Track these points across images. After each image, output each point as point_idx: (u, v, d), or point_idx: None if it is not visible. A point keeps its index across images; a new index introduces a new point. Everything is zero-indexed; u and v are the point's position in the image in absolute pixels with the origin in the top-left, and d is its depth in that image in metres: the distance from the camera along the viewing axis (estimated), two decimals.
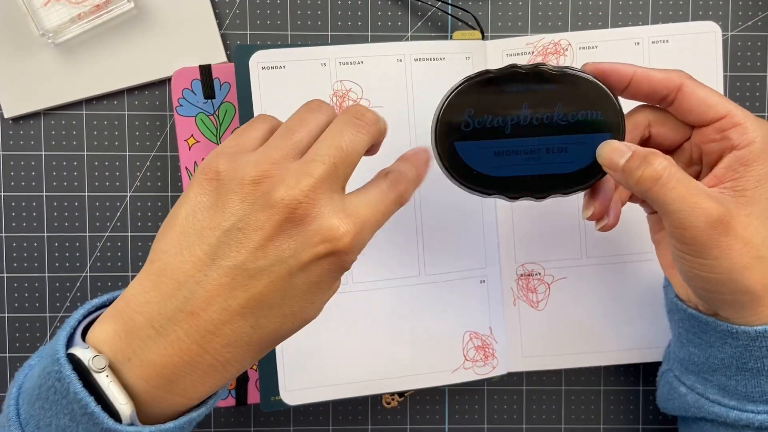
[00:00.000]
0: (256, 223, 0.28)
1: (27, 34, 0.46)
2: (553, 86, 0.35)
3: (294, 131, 0.30)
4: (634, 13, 0.48)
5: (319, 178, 0.28)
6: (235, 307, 0.28)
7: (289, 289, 0.29)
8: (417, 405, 0.50)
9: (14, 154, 0.48)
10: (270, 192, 0.28)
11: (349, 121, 0.31)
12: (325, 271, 0.29)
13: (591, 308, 0.46)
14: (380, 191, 0.31)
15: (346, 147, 0.30)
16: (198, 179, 0.29)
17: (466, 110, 0.35)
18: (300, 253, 0.28)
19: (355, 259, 0.30)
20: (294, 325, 0.30)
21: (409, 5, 0.48)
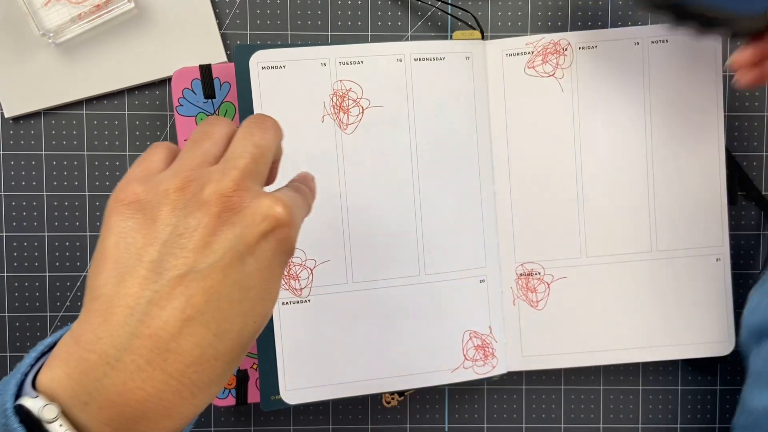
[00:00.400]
0: (194, 223, 0.27)
1: (27, 34, 0.46)
2: None
3: (201, 142, 0.30)
4: (634, 13, 0.48)
5: (243, 170, 0.28)
6: (194, 313, 0.26)
7: (243, 278, 0.28)
8: (417, 404, 0.50)
9: (15, 153, 0.48)
10: (199, 192, 0.28)
11: (254, 124, 0.31)
12: (273, 252, 0.28)
13: (591, 308, 0.46)
14: (291, 189, 0.32)
15: (259, 144, 0.30)
16: (115, 208, 0.28)
17: None
18: (245, 235, 0.27)
19: (296, 239, 0.30)
20: (255, 324, 0.29)
21: (409, 5, 0.48)
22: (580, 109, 0.46)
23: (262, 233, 0.28)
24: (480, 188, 0.45)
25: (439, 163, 0.45)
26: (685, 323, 0.46)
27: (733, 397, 0.50)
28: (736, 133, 0.49)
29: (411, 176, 0.44)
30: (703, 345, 0.47)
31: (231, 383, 0.47)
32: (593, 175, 0.46)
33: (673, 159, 0.46)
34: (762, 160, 0.49)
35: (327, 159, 0.44)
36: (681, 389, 0.50)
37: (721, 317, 0.46)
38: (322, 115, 0.44)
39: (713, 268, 0.46)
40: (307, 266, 0.44)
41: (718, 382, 0.50)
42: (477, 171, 0.45)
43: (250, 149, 0.29)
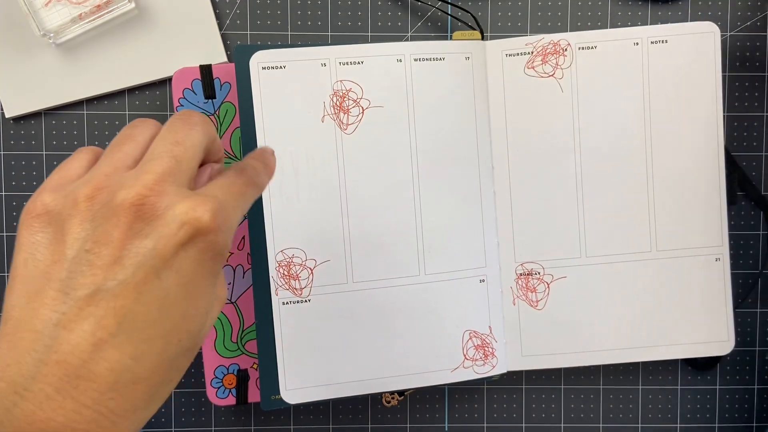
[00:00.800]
0: (103, 237, 0.25)
1: (28, 35, 0.46)
2: None
3: (122, 145, 0.28)
4: (633, 13, 0.49)
5: (161, 172, 0.26)
6: (105, 336, 0.24)
7: (162, 295, 0.25)
8: (417, 404, 0.50)
9: (15, 153, 0.48)
10: (110, 201, 0.25)
11: (177, 121, 0.28)
12: (197, 262, 0.26)
13: (590, 307, 0.47)
14: (227, 177, 0.29)
15: (182, 140, 0.27)
16: (25, 222, 0.26)
17: None
18: (160, 248, 0.25)
19: (228, 243, 0.27)
20: (181, 342, 0.26)
21: (409, 5, 0.49)
22: (579, 109, 0.46)
23: (179, 243, 0.25)
24: (480, 188, 0.45)
25: (439, 163, 0.45)
26: (684, 323, 0.47)
27: (733, 397, 0.50)
28: (736, 133, 0.49)
29: (411, 176, 0.44)
30: (702, 345, 0.47)
31: (231, 383, 0.47)
32: (593, 174, 0.46)
33: (673, 159, 0.46)
34: (762, 160, 0.49)
35: (327, 159, 0.44)
36: (681, 389, 0.50)
37: (720, 317, 0.47)
38: (322, 116, 0.44)
39: (713, 268, 0.46)
40: (307, 266, 0.44)
41: (717, 382, 0.50)
42: (477, 171, 0.45)
43: (170, 147, 0.27)
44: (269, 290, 0.44)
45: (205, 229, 0.25)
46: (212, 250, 0.26)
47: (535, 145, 0.46)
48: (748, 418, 0.50)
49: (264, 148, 0.33)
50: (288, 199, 0.44)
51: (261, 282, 0.44)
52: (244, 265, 0.47)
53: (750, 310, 0.50)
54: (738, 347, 0.47)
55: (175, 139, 0.27)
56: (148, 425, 0.49)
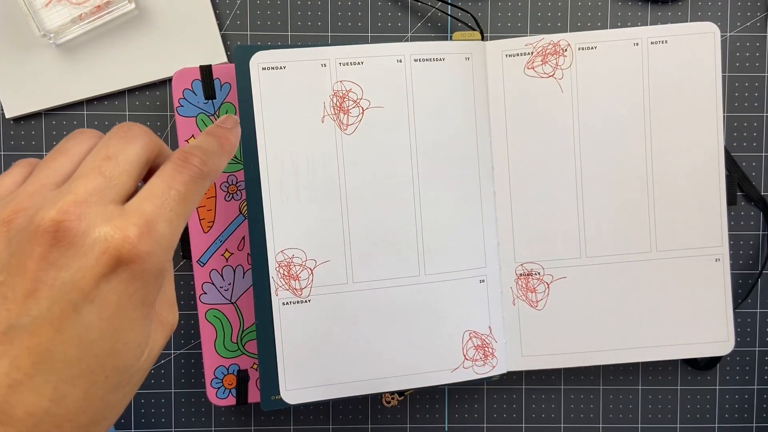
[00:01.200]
0: (17, 267, 0.22)
1: (28, 35, 0.46)
2: None
3: (53, 160, 0.26)
4: (633, 13, 0.49)
5: (83, 192, 0.23)
6: (21, 378, 0.22)
7: (83, 332, 0.22)
8: (417, 404, 0.50)
9: (15, 154, 0.48)
10: (24, 228, 0.23)
11: (116, 133, 0.26)
12: (122, 294, 0.23)
13: (590, 308, 0.47)
14: (163, 178, 0.26)
15: (115, 154, 0.25)
16: None
17: None
18: (78, 280, 0.22)
19: (163, 264, 0.24)
20: (109, 381, 0.24)
21: (409, 6, 0.49)
22: (579, 109, 0.46)
23: (99, 275, 0.23)
24: (480, 188, 0.45)
25: (439, 163, 0.45)
26: (684, 323, 0.47)
27: (733, 397, 0.50)
28: (735, 133, 0.49)
29: (411, 176, 0.44)
30: (702, 345, 0.47)
31: (231, 383, 0.47)
32: (593, 175, 0.46)
33: (673, 159, 0.46)
34: (762, 160, 0.50)
35: (327, 160, 0.44)
36: (681, 389, 0.50)
37: (720, 317, 0.47)
38: (322, 116, 0.44)
39: (713, 268, 0.46)
40: (308, 266, 0.44)
41: (717, 382, 0.50)
42: (477, 171, 0.45)
43: (99, 162, 0.24)
44: (269, 290, 0.44)
45: (128, 257, 0.23)
46: (140, 279, 0.23)
47: (535, 145, 0.46)
48: (748, 418, 0.50)
49: (224, 117, 0.30)
50: (288, 200, 0.44)
51: (261, 282, 0.44)
52: (244, 265, 0.47)
53: (750, 310, 0.50)
54: (738, 347, 0.48)
55: (107, 153, 0.25)
56: (149, 425, 0.49)
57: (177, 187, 0.25)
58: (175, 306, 0.27)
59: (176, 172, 0.26)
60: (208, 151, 0.27)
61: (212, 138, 0.29)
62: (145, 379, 0.26)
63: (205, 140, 0.28)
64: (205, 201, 0.47)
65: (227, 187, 0.47)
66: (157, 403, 0.49)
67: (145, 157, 0.26)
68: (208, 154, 0.27)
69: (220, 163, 0.28)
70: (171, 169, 0.26)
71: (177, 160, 0.26)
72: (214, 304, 0.47)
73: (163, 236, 0.24)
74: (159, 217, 0.24)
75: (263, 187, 0.43)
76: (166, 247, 0.24)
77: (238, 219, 0.47)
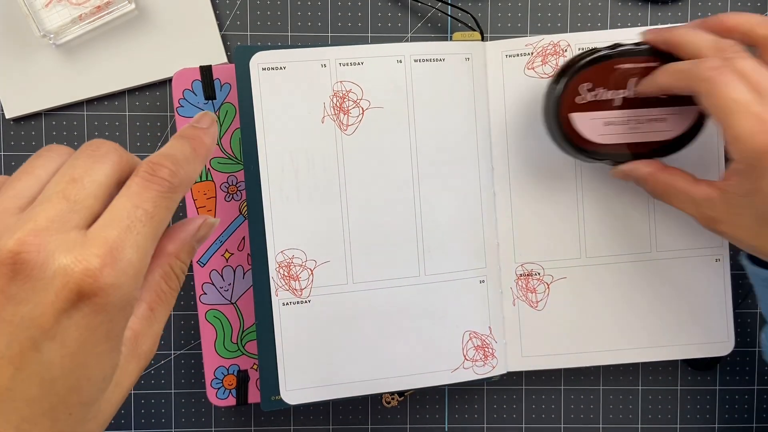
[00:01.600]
0: None
1: (28, 35, 0.46)
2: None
3: (18, 180, 0.24)
4: (633, 14, 0.49)
5: (44, 220, 0.22)
6: None
7: (44, 369, 0.21)
8: (417, 404, 0.50)
9: (16, 154, 0.48)
10: None
11: (83, 152, 0.24)
12: (85, 329, 0.22)
13: (590, 308, 0.47)
14: (129, 197, 0.24)
15: (81, 176, 0.23)
16: None
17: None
18: (38, 316, 0.21)
19: (130, 293, 0.23)
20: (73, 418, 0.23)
21: (409, 6, 0.49)
22: None
23: (60, 310, 0.21)
24: (480, 189, 0.45)
25: (439, 163, 0.45)
26: (684, 323, 0.47)
27: (733, 397, 0.50)
28: None
29: (411, 177, 0.44)
30: (702, 345, 0.47)
31: (231, 384, 0.47)
32: (593, 175, 0.46)
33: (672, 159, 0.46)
34: None
35: (327, 160, 0.44)
36: (681, 389, 0.50)
37: (720, 317, 0.47)
38: (322, 116, 0.44)
39: (713, 268, 0.46)
40: (308, 267, 0.44)
41: (717, 382, 0.50)
42: (477, 171, 0.45)
43: (63, 186, 0.23)
44: (269, 291, 0.44)
45: (90, 291, 0.21)
46: (104, 312, 0.22)
47: (535, 145, 0.46)
48: (748, 418, 0.50)
49: (200, 115, 0.28)
50: (288, 200, 0.44)
51: (261, 283, 0.44)
52: (244, 266, 0.47)
53: (750, 310, 0.50)
54: (738, 347, 0.47)
55: (72, 175, 0.23)
56: (148, 425, 0.49)
57: (144, 206, 0.24)
58: (158, 338, 0.26)
59: (143, 188, 0.24)
60: (179, 159, 0.25)
61: (184, 142, 0.26)
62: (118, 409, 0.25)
63: (177, 146, 0.26)
64: (205, 201, 0.47)
65: (227, 187, 0.47)
66: (157, 404, 0.49)
67: (115, 177, 0.24)
68: (179, 163, 0.25)
69: (194, 171, 0.26)
70: (137, 185, 0.24)
71: (144, 173, 0.24)
72: (214, 305, 0.47)
73: (129, 264, 0.23)
74: (125, 243, 0.23)
75: (263, 188, 0.43)
76: (133, 276, 0.23)
77: (238, 219, 0.47)
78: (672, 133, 0.41)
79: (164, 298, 0.26)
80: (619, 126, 0.41)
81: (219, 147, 0.46)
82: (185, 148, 0.26)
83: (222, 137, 0.47)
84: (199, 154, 0.26)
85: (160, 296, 0.26)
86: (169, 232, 0.27)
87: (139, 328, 0.25)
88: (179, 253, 0.27)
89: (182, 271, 0.27)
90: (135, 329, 0.25)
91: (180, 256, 0.27)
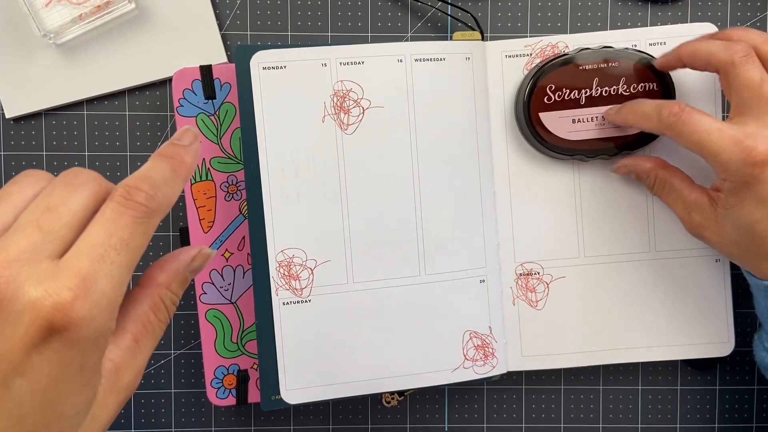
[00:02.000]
0: None
1: (28, 35, 0.46)
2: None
3: None
4: (633, 14, 0.49)
5: (16, 250, 0.21)
6: None
7: (13, 406, 0.21)
8: (417, 404, 0.50)
9: (16, 154, 0.48)
10: None
11: (60, 181, 0.24)
12: (56, 364, 0.21)
13: (590, 307, 0.47)
14: (102, 224, 0.23)
15: (56, 205, 0.23)
16: None
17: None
18: (7, 351, 0.21)
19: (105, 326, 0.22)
20: None
21: (409, 5, 0.49)
22: None
23: (30, 345, 0.21)
24: (480, 188, 0.45)
25: (440, 163, 0.45)
26: (684, 323, 0.47)
27: (733, 397, 0.50)
28: None
29: (411, 176, 0.44)
30: (702, 345, 0.47)
31: (231, 383, 0.47)
32: (592, 175, 0.46)
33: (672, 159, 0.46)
34: None
35: (327, 159, 0.44)
36: (681, 389, 0.50)
37: (720, 318, 0.47)
38: (322, 116, 0.44)
39: (713, 268, 0.46)
40: (308, 266, 0.44)
41: (717, 382, 0.50)
42: (477, 171, 0.45)
43: (38, 215, 0.22)
44: (269, 290, 0.44)
45: (61, 325, 0.21)
46: (77, 346, 0.21)
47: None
48: (748, 418, 0.50)
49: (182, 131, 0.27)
50: (288, 199, 0.44)
51: (261, 282, 0.44)
52: (244, 265, 0.47)
53: (750, 310, 0.50)
54: (738, 347, 0.47)
55: (47, 204, 0.23)
56: (148, 425, 0.49)
57: (119, 233, 0.23)
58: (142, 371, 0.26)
59: (118, 214, 0.23)
60: (157, 182, 0.24)
61: (164, 162, 0.25)
62: None
63: (155, 166, 0.25)
64: (205, 201, 0.47)
65: (227, 187, 0.47)
66: (157, 403, 0.49)
67: (92, 207, 0.24)
68: (157, 186, 0.24)
69: (173, 193, 0.25)
70: (112, 210, 0.23)
71: (119, 198, 0.23)
72: (214, 304, 0.47)
73: (103, 295, 0.22)
74: (98, 274, 0.22)
75: (263, 187, 0.43)
76: (106, 307, 0.22)
77: (238, 219, 0.47)
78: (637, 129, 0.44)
79: (151, 330, 0.25)
80: (587, 123, 0.44)
81: (219, 147, 0.47)
82: (164, 168, 0.25)
83: (222, 137, 0.47)
84: (179, 175, 0.25)
85: (147, 328, 0.25)
86: (161, 261, 0.27)
87: (120, 361, 0.24)
88: (170, 284, 0.26)
89: (173, 303, 0.26)
90: (116, 361, 0.24)
91: (171, 287, 0.26)
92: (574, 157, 0.45)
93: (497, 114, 0.46)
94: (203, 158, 0.46)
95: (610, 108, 0.43)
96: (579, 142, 0.44)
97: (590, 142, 0.44)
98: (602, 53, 0.44)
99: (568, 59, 0.44)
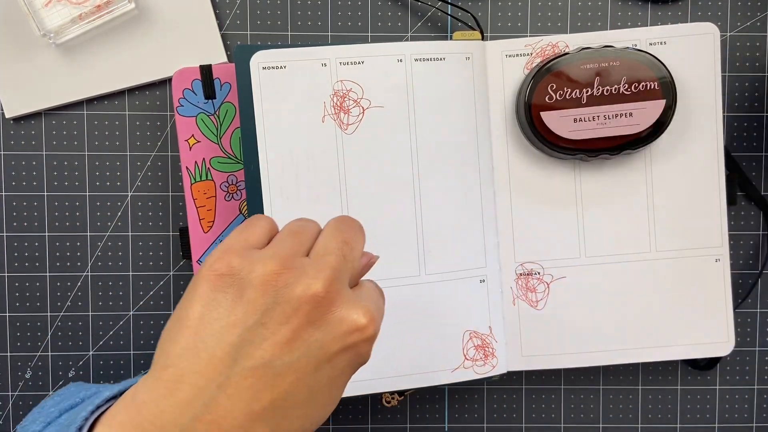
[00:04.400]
0: (281, 316, 0.26)
1: (28, 35, 0.46)
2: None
3: (298, 233, 0.30)
4: (633, 13, 0.49)
5: (335, 269, 0.28)
6: (258, 410, 0.26)
7: (315, 383, 0.27)
8: (417, 404, 0.50)
9: (15, 154, 0.48)
10: (292, 285, 0.27)
11: (341, 223, 0.31)
12: (349, 364, 0.28)
13: (590, 308, 0.47)
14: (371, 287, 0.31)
15: (350, 240, 0.30)
16: (207, 276, 0.27)
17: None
18: (328, 345, 0.27)
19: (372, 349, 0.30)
20: (312, 425, 0.28)
21: (409, 5, 0.49)
22: None
23: (345, 346, 0.27)
24: (480, 188, 0.45)
25: (440, 163, 0.45)
26: (684, 323, 0.47)
27: (733, 397, 0.50)
28: (735, 133, 0.49)
29: (411, 176, 0.44)
30: (702, 345, 0.47)
31: None
32: (592, 175, 0.46)
33: (672, 159, 0.46)
34: (762, 160, 0.50)
35: (327, 159, 0.44)
36: (681, 389, 0.50)
37: (720, 317, 0.47)
38: (322, 116, 0.44)
39: (713, 268, 0.46)
40: None
41: (717, 382, 0.50)
42: (477, 171, 0.45)
43: (340, 245, 0.29)
44: None
45: (366, 338, 0.28)
46: (361, 360, 0.29)
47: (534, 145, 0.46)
48: (748, 418, 0.50)
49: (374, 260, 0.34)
50: (288, 199, 0.44)
51: None
52: None
53: (750, 310, 0.50)
54: (738, 347, 0.48)
55: (343, 238, 0.30)
56: None
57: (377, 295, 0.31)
58: None
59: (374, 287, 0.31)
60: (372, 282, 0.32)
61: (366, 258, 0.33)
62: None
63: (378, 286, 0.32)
64: (205, 201, 0.47)
65: (227, 187, 0.47)
66: None
67: (362, 247, 0.31)
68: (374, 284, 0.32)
69: None
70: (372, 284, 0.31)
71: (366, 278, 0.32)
72: None
73: (379, 330, 0.29)
74: (378, 314, 0.29)
75: (263, 187, 0.43)
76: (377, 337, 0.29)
77: (238, 219, 0.47)
78: (639, 127, 0.44)
79: None
80: (588, 122, 0.44)
81: (219, 146, 0.47)
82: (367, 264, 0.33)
83: (222, 136, 0.47)
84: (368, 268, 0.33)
85: None
86: None
87: None
88: None
89: None
90: None
91: None
92: (575, 157, 0.45)
93: (497, 113, 0.46)
94: (203, 158, 0.46)
95: None
96: (580, 141, 0.44)
97: (591, 141, 0.44)
98: (603, 53, 0.44)
99: (568, 59, 0.44)
